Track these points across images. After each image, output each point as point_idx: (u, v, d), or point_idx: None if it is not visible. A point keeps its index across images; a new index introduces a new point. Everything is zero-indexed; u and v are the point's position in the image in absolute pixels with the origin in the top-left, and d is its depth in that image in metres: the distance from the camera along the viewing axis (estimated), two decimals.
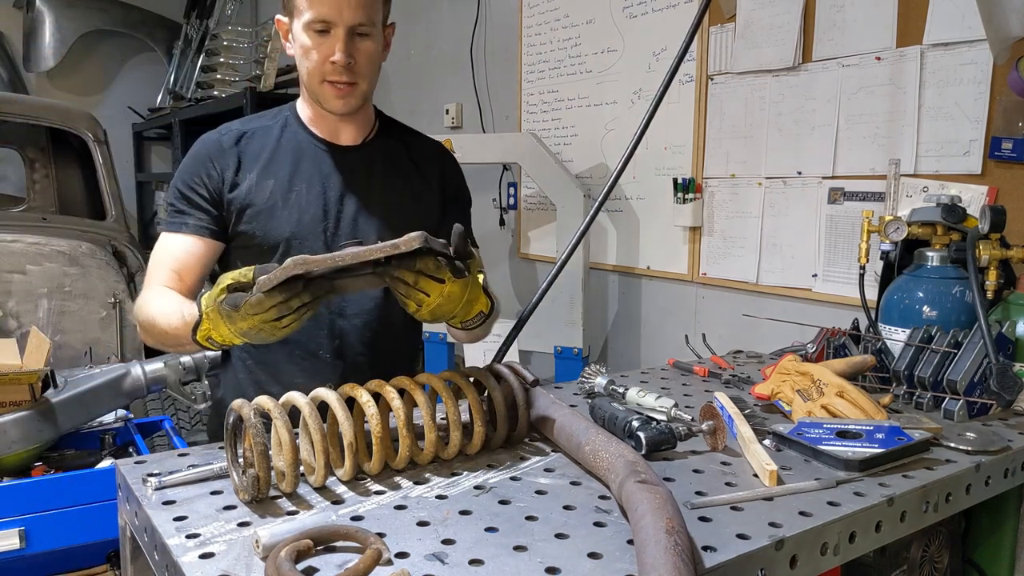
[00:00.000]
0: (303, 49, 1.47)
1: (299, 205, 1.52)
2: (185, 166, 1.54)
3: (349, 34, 1.43)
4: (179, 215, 1.51)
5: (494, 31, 3.53)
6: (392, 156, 1.63)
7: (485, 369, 1.21)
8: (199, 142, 1.57)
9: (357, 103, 1.52)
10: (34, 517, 1.90)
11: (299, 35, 1.46)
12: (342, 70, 1.45)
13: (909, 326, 1.51)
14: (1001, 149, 1.82)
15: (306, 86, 1.53)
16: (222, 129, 1.57)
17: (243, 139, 1.55)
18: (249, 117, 1.63)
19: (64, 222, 3.31)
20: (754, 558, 0.85)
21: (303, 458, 1.03)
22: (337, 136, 1.58)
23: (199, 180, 1.51)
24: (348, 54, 1.44)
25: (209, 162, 1.52)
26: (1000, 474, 1.17)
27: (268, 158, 1.54)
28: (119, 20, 5.68)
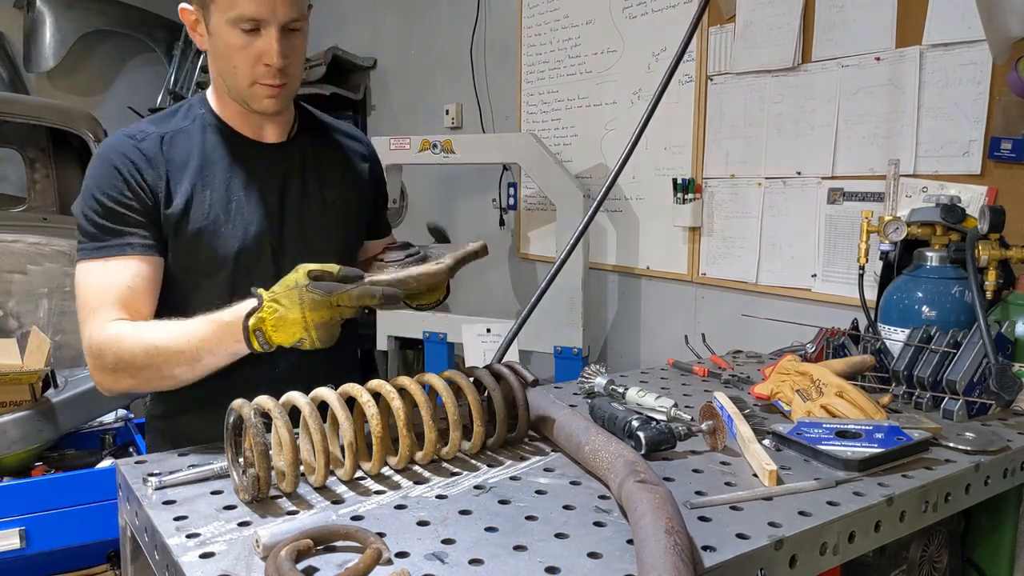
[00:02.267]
0: (227, 48, 1.31)
1: (242, 216, 1.39)
2: (105, 178, 1.33)
3: (282, 32, 1.29)
4: (112, 236, 1.31)
5: (494, 31, 3.53)
6: (320, 152, 1.52)
7: (485, 369, 1.21)
8: (111, 149, 1.36)
9: (288, 102, 1.43)
10: (34, 517, 1.90)
11: (221, 32, 1.30)
12: (276, 73, 1.31)
13: (908, 326, 1.51)
14: (1000, 149, 1.82)
15: (229, 87, 1.36)
16: (135, 134, 1.38)
17: (164, 144, 1.37)
18: (155, 118, 1.44)
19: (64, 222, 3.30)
20: (754, 558, 0.85)
21: (303, 458, 1.03)
22: (262, 134, 1.44)
23: (129, 193, 1.31)
24: (283, 55, 1.30)
25: (136, 172, 1.33)
26: (999, 474, 1.17)
27: (198, 166, 1.37)
28: (119, 20, 5.67)
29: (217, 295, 1.32)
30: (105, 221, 1.32)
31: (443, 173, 3.76)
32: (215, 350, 1.20)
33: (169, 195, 1.35)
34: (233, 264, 1.37)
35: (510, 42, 3.41)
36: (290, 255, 1.42)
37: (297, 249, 1.43)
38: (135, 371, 1.24)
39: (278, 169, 1.45)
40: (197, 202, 1.36)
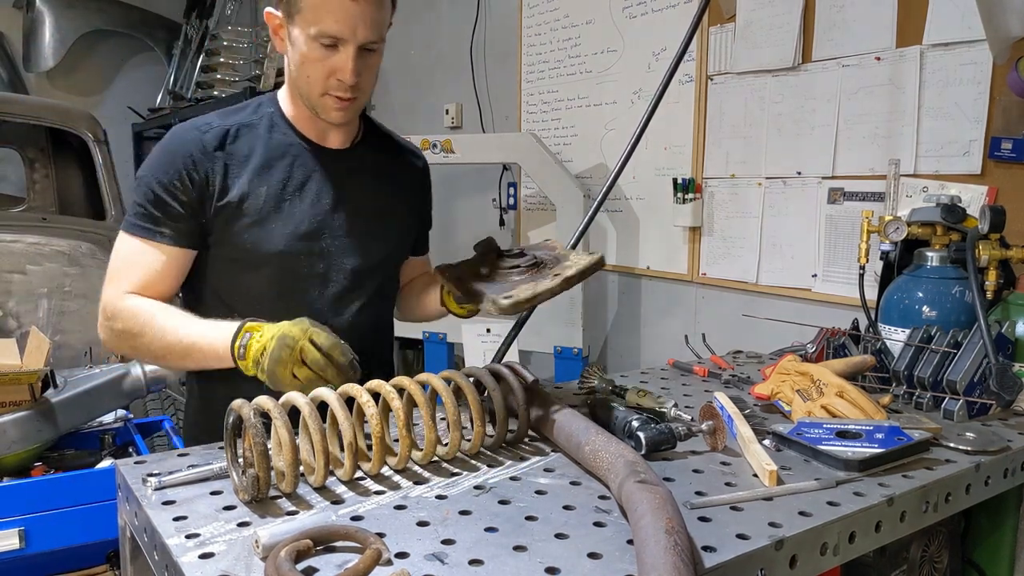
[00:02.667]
0: (304, 58, 1.36)
1: (292, 216, 1.43)
2: (160, 165, 1.39)
3: (359, 51, 1.34)
4: (151, 221, 1.38)
5: (494, 31, 3.53)
6: (379, 163, 1.57)
7: (484, 369, 1.21)
8: (175, 138, 1.42)
9: (355, 115, 1.48)
10: (34, 517, 1.90)
11: (300, 42, 1.35)
12: (347, 87, 1.37)
13: (909, 326, 1.51)
14: (1001, 149, 1.82)
15: (302, 93, 1.42)
16: (200, 125, 1.43)
17: (228, 138, 1.42)
18: (225, 111, 1.49)
19: (64, 222, 3.31)
20: (754, 558, 0.85)
21: (303, 458, 1.03)
22: (325, 138, 1.49)
23: (179, 184, 1.37)
24: (356, 73, 1.35)
25: (192, 164, 1.38)
26: (1000, 474, 1.17)
27: (260, 163, 1.42)
28: (119, 20, 5.67)
29: (262, 289, 1.43)
30: (149, 205, 1.38)
31: (443, 173, 3.75)
32: (201, 359, 1.29)
33: (225, 187, 1.40)
34: (278, 260, 1.42)
35: (510, 42, 3.40)
36: (337, 259, 1.48)
37: (344, 254, 1.48)
38: (136, 344, 1.34)
39: (335, 175, 1.49)
40: (252, 196, 1.41)
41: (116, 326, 1.36)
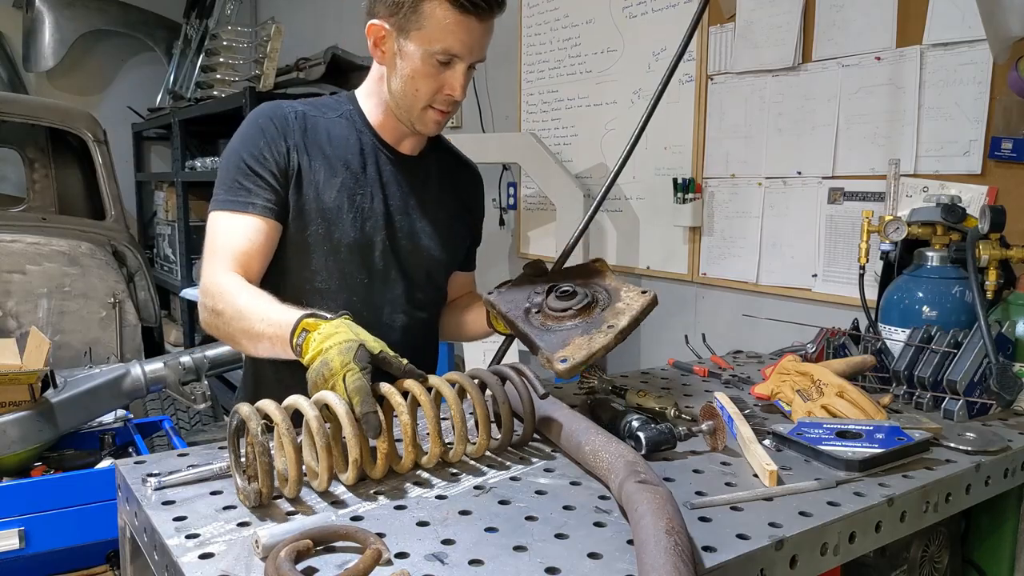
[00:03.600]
0: (416, 73, 1.39)
1: (362, 212, 1.47)
2: (249, 136, 1.43)
3: (468, 68, 1.40)
4: (243, 193, 1.39)
5: (494, 31, 3.53)
6: (444, 173, 1.62)
7: (492, 372, 1.20)
8: (261, 114, 1.45)
9: (445, 127, 1.52)
10: (34, 517, 1.90)
11: (414, 57, 1.38)
12: (453, 102, 1.43)
13: (909, 326, 1.51)
14: (1001, 149, 1.82)
15: (401, 104, 1.44)
16: (284, 104, 1.48)
17: (309, 122, 1.46)
18: (306, 101, 1.53)
19: (64, 222, 3.31)
20: (754, 558, 0.85)
21: (306, 461, 1.03)
22: (400, 143, 1.53)
23: (268, 154, 1.41)
24: (464, 90, 1.41)
25: (278, 134, 1.42)
26: (1000, 474, 1.17)
27: (335, 155, 1.46)
28: (119, 20, 5.67)
29: (326, 279, 1.46)
30: (240, 177, 1.40)
31: None
32: (270, 347, 1.25)
33: (302, 169, 1.43)
34: (346, 252, 1.45)
35: (510, 42, 3.40)
36: (399, 259, 1.52)
37: (407, 255, 1.52)
38: (224, 323, 1.32)
39: (406, 178, 1.53)
40: (326, 185, 1.44)
41: (213, 304, 1.34)
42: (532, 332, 1.32)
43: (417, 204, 1.54)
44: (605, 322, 1.27)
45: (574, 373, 1.21)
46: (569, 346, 1.24)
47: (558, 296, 1.34)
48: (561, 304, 1.32)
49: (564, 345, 1.24)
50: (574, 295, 1.33)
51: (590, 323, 1.27)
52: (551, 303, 1.34)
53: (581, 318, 1.29)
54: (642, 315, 1.28)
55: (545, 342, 1.27)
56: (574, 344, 1.24)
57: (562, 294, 1.34)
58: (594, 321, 1.27)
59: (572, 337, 1.25)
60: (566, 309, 1.31)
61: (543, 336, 1.29)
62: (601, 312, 1.29)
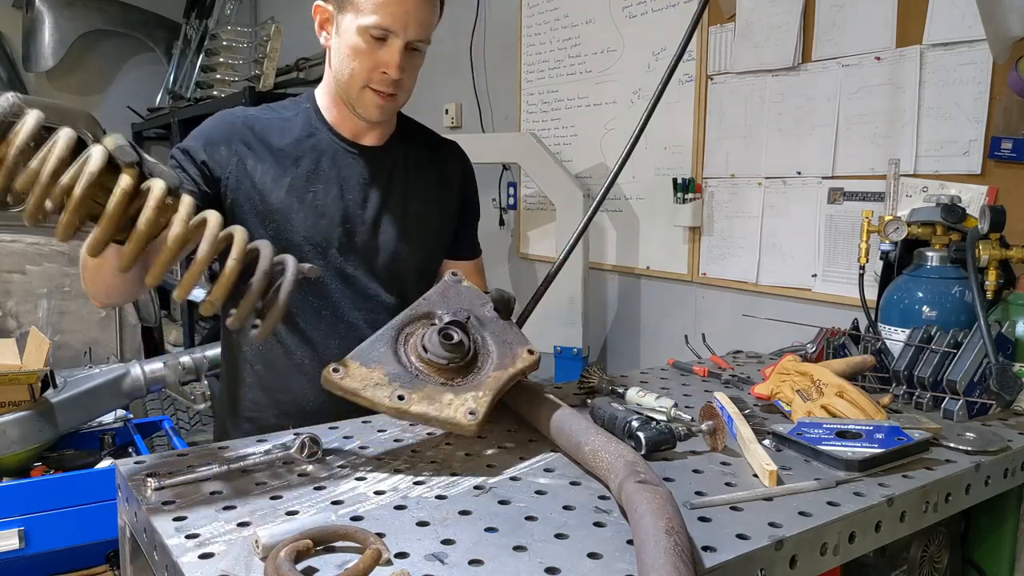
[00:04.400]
0: (351, 50, 1.38)
1: (315, 208, 1.45)
2: (193, 135, 1.45)
3: (406, 47, 1.37)
4: (178, 170, 1.39)
5: (494, 31, 3.53)
6: (415, 160, 1.57)
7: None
8: (214, 118, 1.47)
9: (391, 114, 1.48)
10: (34, 517, 1.90)
11: (349, 34, 1.37)
12: (391, 83, 1.39)
13: (909, 326, 1.51)
14: (1001, 149, 1.82)
15: (341, 86, 1.43)
16: (237, 111, 1.50)
17: (257, 124, 1.46)
18: (268, 107, 1.54)
19: None
20: (754, 558, 0.85)
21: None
22: (359, 136, 1.51)
23: (196, 154, 1.41)
24: (401, 68, 1.38)
25: (212, 142, 1.43)
26: (1000, 474, 1.17)
27: (286, 154, 1.46)
28: (118, 20, 5.67)
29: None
30: (180, 155, 1.42)
31: None
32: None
33: (248, 172, 1.42)
34: (298, 253, 1.34)
35: (510, 42, 3.40)
36: (359, 255, 1.48)
37: (366, 250, 1.48)
38: (90, 274, 1.22)
39: (367, 172, 1.49)
40: (274, 185, 1.43)
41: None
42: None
43: (380, 197, 1.50)
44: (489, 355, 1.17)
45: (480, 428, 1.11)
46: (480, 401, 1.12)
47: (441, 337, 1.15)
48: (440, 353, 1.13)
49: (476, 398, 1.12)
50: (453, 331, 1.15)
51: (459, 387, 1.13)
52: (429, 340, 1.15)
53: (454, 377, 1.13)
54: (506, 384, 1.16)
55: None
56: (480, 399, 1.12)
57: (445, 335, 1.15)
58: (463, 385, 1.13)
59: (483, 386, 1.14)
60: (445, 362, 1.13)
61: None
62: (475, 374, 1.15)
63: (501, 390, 1.15)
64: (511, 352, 1.20)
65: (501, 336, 1.22)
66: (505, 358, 1.18)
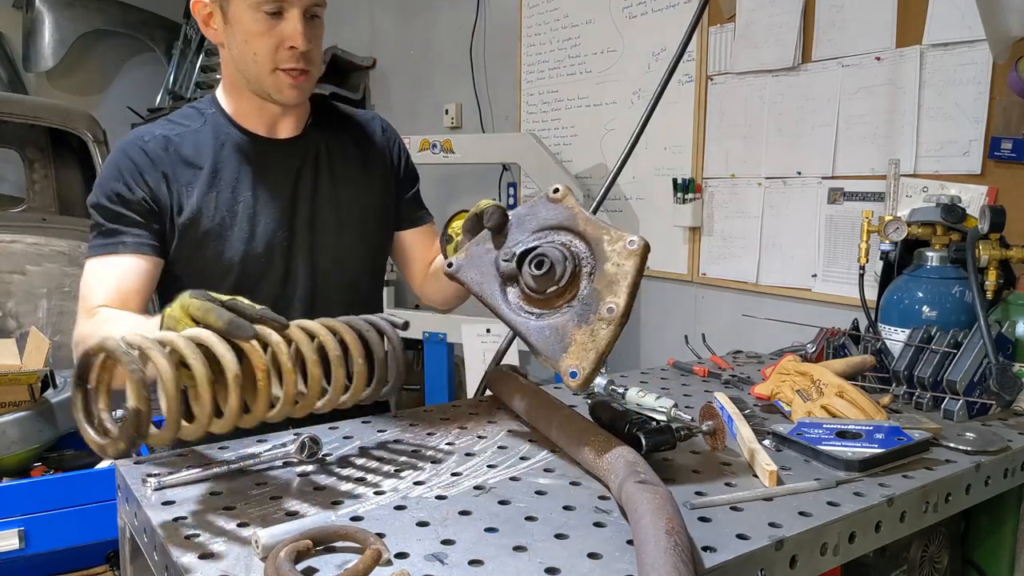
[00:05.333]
0: (248, 35, 1.29)
1: (249, 218, 1.36)
2: (107, 178, 1.34)
3: (304, 16, 1.29)
4: (109, 236, 1.31)
5: (494, 31, 3.53)
6: (336, 144, 1.48)
7: (360, 323, 1.08)
8: (119, 149, 1.36)
9: (309, 92, 1.39)
10: (34, 517, 1.89)
11: (241, 18, 1.28)
12: (299, 56, 1.30)
13: (909, 326, 1.51)
14: (1001, 149, 1.82)
15: (249, 77, 1.34)
16: (144, 135, 1.38)
17: (171, 146, 1.36)
18: (165, 120, 1.43)
19: (64, 222, 3.30)
20: (754, 558, 0.85)
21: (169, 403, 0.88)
22: (275, 130, 1.42)
23: (128, 193, 1.32)
24: (307, 39, 1.29)
25: (136, 173, 1.33)
26: (1000, 474, 1.17)
27: (208, 170, 1.36)
28: (118, 20, 5.67)
29: (234, 294, 1.25)
30: (104, 220, 1.33)
31: (443, 173, 3.76)
32: None
33: (177, 198, 1.34)
34: (240, 267, 1.36)
35: (510, 42, 3.40)
36: (302, 255, 1.41)
37: (309, 249, 1.41)
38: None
39: (289, 166, 1.42)
40: (205, 205, 1.35)
41: (79, 350, 1.22)
42: (522, 326, 1.11)
43: (307, 190, 1.42)
44: (601, 299, 1.05)
45: (587, 386, 1.07)
46: (572, 348, 1.06)
47: (534, 267, 1.09)
48: (540, 282, 1.09)
49: (565, 346, 1.07)
50: (551, 268, 1.08)
51: (584, 304, 1.06)
52: (527, 279, 1.10)
53: (570, 295, 1.08)
54: (638, 276, 1.05)
55: (543, 343, 1.09)
56: (577, 344, 1.06)
57: (537, 264, 1.09)
58: (587, 300, 1.06)
59: (570, 330, 1.07)
60: (548, 288, 1.09)
61: (539, 333, 1.09)
62: (590, 283, 1.07)
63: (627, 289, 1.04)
64: (615, 252, 1.07)
65: (599, 246, 1.09)
66: (609, 262, 1.07)
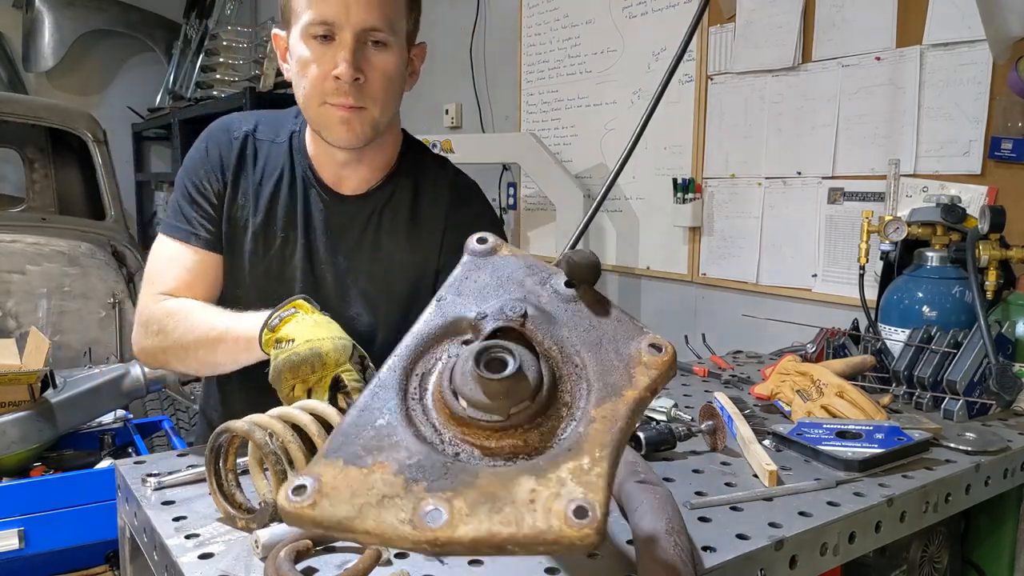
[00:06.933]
0: (300, 64, 1.17)
1: (274, 262, 1.30)
2: (193, 162, 1.32)
3: (358, 42, 1.15)
4: (187, 222, 1.29)
5: (494, 31, 3.53)
6: (395, 209, 1.34)
7: None
8: (210, 135, 1.32)
9: (366, 134, 1.21)
10: (33, 517, 1.89)
11: (295, 48, 1.18)
12: (347, 88, 1.15)
13: (909, 326, 1.51)
14: (1001, 149, 1.81)
15: (306, 113, 1.23)
16: (234, 124, 1.32)
17: (248, 149, 1.30)
18: (267, 114, 1.36)
19: (63, 222, 3.30)
20: (754, 558, 0.85)
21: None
22: (339, 183, 1.31)
23: (208, 184, 1.29)
24: (355, 67, 1.14)
25: (217, 165, 1.29)
26: (999, 474, 1.17)
27: (263, 191, 1.30)
28: (118, 20, 5.67)
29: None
30: (184, 203, 1.30)
31: None
32: (231, 348, 1.14)
33: (229, 207, 1.30)
34: (244, 302, 1.26)
35: (510, 42, 3.40)
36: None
37: (331, 310, 1.21)
38: (167, 346, 1.21)
39: (336, 226, 1.31)
40: (251, 223, 1.30)
41: (151, 328, 1.22)
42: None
43: (347, 256, 1.30)
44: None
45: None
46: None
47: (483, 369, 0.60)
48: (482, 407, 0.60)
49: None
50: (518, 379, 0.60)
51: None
52: (468, 392, 0.60)
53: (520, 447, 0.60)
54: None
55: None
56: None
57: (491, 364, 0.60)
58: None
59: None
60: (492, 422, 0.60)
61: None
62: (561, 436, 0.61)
63: (622, 441, 0.60)
64: (619, 357, 0.66)
65: (592, 332, 0.68)
66: (612, 373, 0.64)
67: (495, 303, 0.68)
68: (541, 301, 0.69)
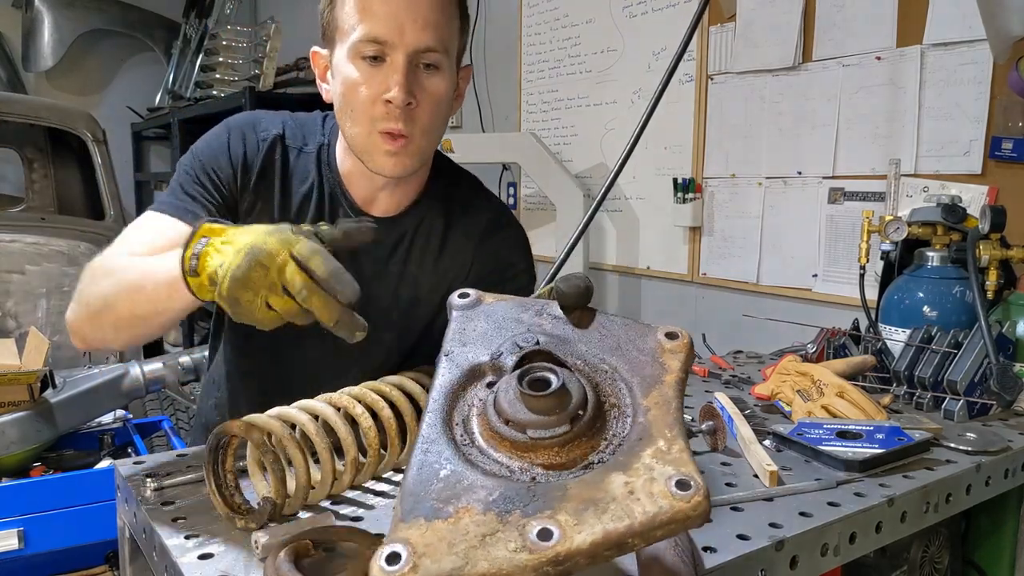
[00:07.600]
0: (347, 85, 1.09)
1: None
2: (213, 146, 1.21)
3: (411, 64, 1.07)
4: (188, 199, 1.16)
5: (494, 31, 3.53)
6: (425, 235, 1.27)
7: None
8: (236, 125, 1.22)
9: (413, 166, 1.15)
10: (33, 517, 1.89)
11: (342, 68, 1.10)
12: (398, 113, 1.07)
13: (909, 326, 1.51)
14: (1001, 149, 1.81)
15: (352, 141, 1.15)
16: (262, 124, 1.23)
17: (275, 154, 1.21)
18: (300, 120, 1.26)
19: (63, 222, 3.30)
20: (754, 559, 0.85)
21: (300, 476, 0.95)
22: (370, 204, 1.23)
23: (224, 174, 1.19)
24: (408, 91, 1.06)
25: (238, 162, 1.19)
26: (1000, 474, 1.17)
27: (284, 203, 1.21)
28: (118, 20, 5.67)
29: (264, 340, 1.06)
30: (189, 183, 1.18)
31: None
32: (153, 292, 0.97)
33: (253, 207, 1.22)
34: (268, 335, 1.19)
35: (510, 42, 3.40)
36: (345, 348, 1.09)
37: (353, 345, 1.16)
38: (91, 293, 1.07)
39: (366, 246, 1.20)
40: None
41: (81, 286, 1.08)
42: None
43: (370, 281, 1.19)
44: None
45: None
46: None
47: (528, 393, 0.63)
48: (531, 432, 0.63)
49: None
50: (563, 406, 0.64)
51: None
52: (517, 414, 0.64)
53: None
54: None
55: None
56: None
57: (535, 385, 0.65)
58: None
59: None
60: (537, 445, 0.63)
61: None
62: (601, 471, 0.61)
63: (681, 419, 0.65)
64: (643, 352, 0.72)
65: (607, 339, 0.75)
66: (644, 367, 0.70)
67: (504, 343, 0.72)
68: (546, 329, 0.74)
